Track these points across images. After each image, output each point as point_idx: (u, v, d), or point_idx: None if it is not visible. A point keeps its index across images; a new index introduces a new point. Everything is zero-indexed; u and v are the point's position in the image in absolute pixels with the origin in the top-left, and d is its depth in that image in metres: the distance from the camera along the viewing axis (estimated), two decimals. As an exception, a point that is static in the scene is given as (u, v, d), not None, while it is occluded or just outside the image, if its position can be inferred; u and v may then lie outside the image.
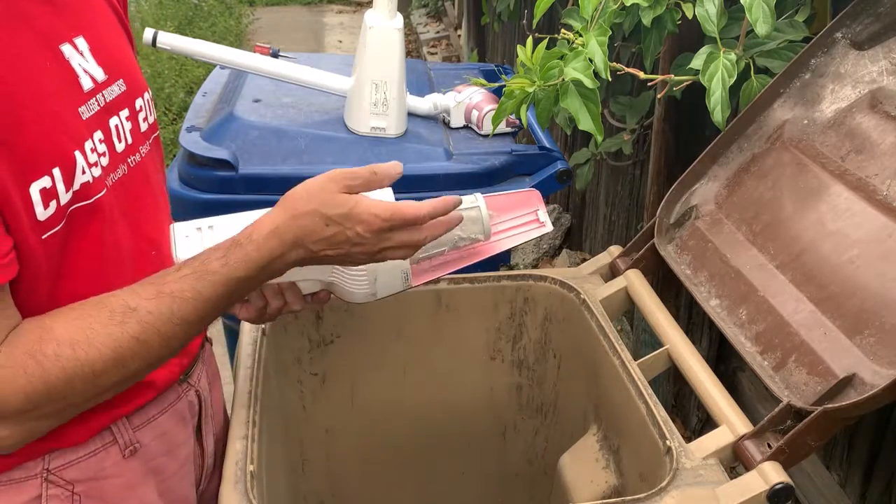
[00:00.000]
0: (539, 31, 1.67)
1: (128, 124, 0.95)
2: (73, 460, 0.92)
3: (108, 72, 0.93)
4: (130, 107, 0.96)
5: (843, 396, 1.00)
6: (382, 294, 1.08)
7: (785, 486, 0.97)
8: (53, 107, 0.84)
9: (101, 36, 0.94)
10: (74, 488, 0.92)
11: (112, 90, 0.93)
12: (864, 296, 1.05)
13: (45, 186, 0.80)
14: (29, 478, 0.89)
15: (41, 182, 0.80)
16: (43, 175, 0.80)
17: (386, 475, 1.52)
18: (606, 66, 1.43)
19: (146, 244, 0.97)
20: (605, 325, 1.29)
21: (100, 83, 0.91)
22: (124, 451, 0.97)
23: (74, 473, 0.92)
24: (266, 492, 1.09)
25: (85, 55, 0.89)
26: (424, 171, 1.81)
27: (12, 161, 0.78)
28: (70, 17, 0.89)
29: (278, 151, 1.82)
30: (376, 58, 1.84)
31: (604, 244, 2.74)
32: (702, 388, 1.15)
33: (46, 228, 0.82)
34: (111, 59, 0.94)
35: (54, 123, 0.83)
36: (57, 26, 0.87)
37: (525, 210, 1.15)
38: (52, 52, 0.86)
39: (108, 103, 0.92)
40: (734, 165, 1.35)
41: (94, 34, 0.92)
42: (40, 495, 0.90)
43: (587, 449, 1.34)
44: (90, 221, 0.87)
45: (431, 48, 6.11)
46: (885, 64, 1.21)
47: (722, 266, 1.27)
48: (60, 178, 0.82)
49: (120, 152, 0.93)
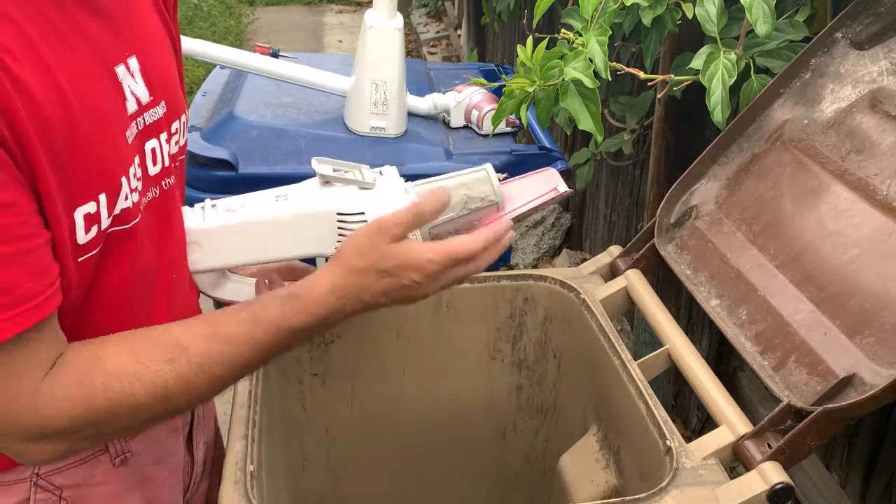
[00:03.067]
0: (539, 31, 1.67)
1: (166, 147, 0.93)
2: (63, 466, 0.91)
3: (154, 93, 0.89)
4: (168, 130, 0.94)
5: (843, 396, 1.00)
6: None
7: (785, 486, 0.97)
8: (106, 131, 0.81)
9: (152, 55, 0.91)
10: (62, 493, 0.91)
11: (155, 112, 0.90)
12: (865, 296, 1.05)
13: (89, 212, 0.79)
14: (18, 481, 0.89)
15: (87, 207, 0.78)
16: (90, 200, 0.79)
17: (386, 475, 1.52)
18: (606, 66, 1.43)
19: (168, 266, 0.96)
20: (605, 325, 1.29)
21: (143, 105, 0.88)
22: (115, 460, 0.96)
23: (63, 479, 0.91)
24: (266, 492, 1.09)
25: (135, 76, 0.86)
26: (424, 171, 1.80)
27: (65, 185, 0.76)
28: (126, 37, 0.86)
29: (278, 151, 1.82)
30: (376, 58, 1.84)
31: (604, 244, 2.74)
32: (702, 388, 1.15)
33: (83, 252, 0.80)
34: (158, 80, 0.91)
35: (106, 148, 0.81)
36: (113, 45, 0.84)
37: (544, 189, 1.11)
38: (108, 73, 0.83)
39: (148, 126, 0.89)
40: (734, 165, 1.35)
41: (145, 54, 0.89)
42: (28, 499, 0.89)
43: (587, 449, 1.34)
44: (124, 246, 0.86)
45: (431, 48, 6.11)
46: (886, 64, 1.21)
47: (722, 266, 1.27)
48: (105, 203, 0.80)
49: (153, 176, 0.91)
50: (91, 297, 0.85)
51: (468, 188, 1.05)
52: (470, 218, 1.07)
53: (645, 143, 2.25)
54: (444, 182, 1.07)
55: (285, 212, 1.04)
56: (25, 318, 0.73)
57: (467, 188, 1.05)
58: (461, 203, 1.05)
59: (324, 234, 1.03)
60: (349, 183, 1.04)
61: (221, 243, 1.05)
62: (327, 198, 1.03)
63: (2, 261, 0.71)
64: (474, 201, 1.06)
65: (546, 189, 1.11)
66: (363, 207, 1.01)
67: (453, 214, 1.05)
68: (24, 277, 0.73)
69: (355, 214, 1.01)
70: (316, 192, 1.04)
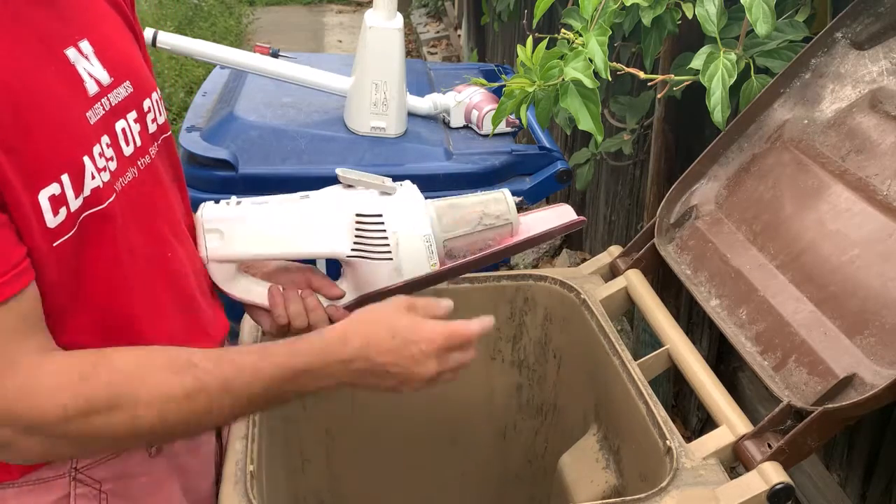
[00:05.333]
0: (539, 31, 1.67)
1: (136, 126, 0.94)
2: (101, 459, 0.92)
3: (114, 74, 0.91)
4: (138, 108, 0.95)
5: (843, 396, 1.00)
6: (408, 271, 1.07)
7: (785, 486, 0.97)
8: (60, 112, 0.82)
9: (107, 38, 0.92)
10: (102, 487, 0.92)
11: (118, 93, 0.91)
12: (865, 296, 1.05)
13: (53, 193, 0.79)
14: (57, 477, 0.90)
15: (50, 189, 0.79)
16: (51, 182, 0.79)
17: (386, 475, 1.52)
18: (606, 66, 1.43)
19: (161, 245, 0.97)
20: (605, 325, 1.29)
21: (105, 86, 0.89)
22: (150, 450, 0.97)
23: (102, 472, 0.92)
24: (266, 492, 1.09)
25: (90, 58, 0.88)
26: (424, 171, 1.81)
27: (21, 168, 0.77)
28: (74, 21, 0.88)
29: (278, 151, 1.82)
30: (376, 58, 1.84)
31: (604, 244, 2.74)
32: (702, 388, 1.15)
33: (58, 236, 0.81)
34: (117, 61, 0.92)
35: (61, 129, 0.82)
36: (60, 30, 0.86)
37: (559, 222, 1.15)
38: (56, 57, 0.84)
39: (114, 106, 0.90)
40: (734, 165, 1.35)
41: (98, 36, 0.91)
42: (68, 494, 0.90)
43: (587, 449, 1.34)
44: (103, 227, 0.86)
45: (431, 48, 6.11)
46: (886, 64, 1.21)
47: (722, 266, 1.27)
48: (69, 184, 0.81)
49: (128, 156, 0.92)
50: (82, 283, 0.85)
51: (485, 206, 1.10)
52: (484, 236, 1.10)
53: (645, 143, 2.25)
54: (462, 199, 1.11)
55: (307, 206, 1.08)
56: None
57: (484, 206, 1.09)
58: (477, 219, 1.09)
59: (342, 232, 1.07)
60: (370, 187, 1.08)
61: (242, 231, 1.08)
62: (348, 198, 1.08)
63: None
64: (489, 218, 1.10)
65: (559, 223, 1.14)
66: (382, 210, 1.05)
67: (468, 229, 1.09)
68: None
69: (374, 216, 1.05)
70: (338, 193, 1.09)
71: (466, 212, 1.09)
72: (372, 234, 1.05)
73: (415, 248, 1.05)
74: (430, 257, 1.06)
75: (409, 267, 1.06)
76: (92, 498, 0.92)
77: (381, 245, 1.05)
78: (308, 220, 1.08)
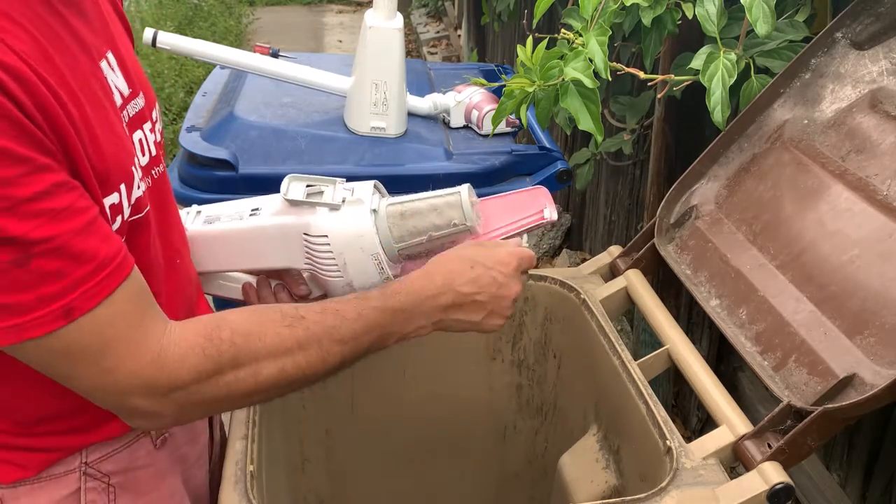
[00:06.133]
0: (539, 31, 1.67)
1: (150, 136, 0.96)
2: (109, 453, 0.94)
3: (131, 86, 0.92)
4: (150, 119, 0.97)
5: (843, 396, 1.00)
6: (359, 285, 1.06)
7: (785, 486, 0.97)
8: (110, 124, 0.84)
9: (123, 49, 0.94)
10: (110, 480, 0.94)
11: (136, 104, 0.93)
12: (865, 296, 1.05)
13: (114, 202, 0.82)
14: (68, 472, 0.91)
15: (111, 198, 0.82)
16: (113, 191, 0.82)
17: (386, 475, 1.52)
18: (606, 66, 1.43)
19: (172, 252, 0.99)
20: (605, 325, 1.29)
21: (126, 97, 0.91)
22: (156, 441, 0.99)
23: (110, 465, 0.94)
24: (266, 492, 1.09)
25: (115, 70, 0.89)
26: (424, 171, 1.81)
27: (94, 178, 0.79)
28: (102, 32, 0.89)
29: (278, 151, 1.82)
30: (376, 58, 1.84)
31: (604, 244, 2.74)
32: (702, 388, 1.15)
33: None
34: (133, 72, 0.94)
35: (114, 140, 0.84)
36: (95, 42, 0.86)
37: (530, 211, 1.12)
38: (97, 68, 0.85)
39: (133, 117, 0.92)
40: (734, 165, 1.35)
41: (118, 48, 0.92)
42: (79, 488, 0.92)
43: (587, 449, 1.34)
44: (140, 234, 0.89)
45: (431, 48, 6.11)
46: (886, 64, 1.21)
47: (722, 266, 1.27)
48: (125, 193, 0.84)
49: (144, 165, 0.93)
50: None
51: (438, 213, 1.06)
52: (441, 241, 1.07)
53: (645, 143, 2.25)
54: (415, 204, 1.07)
55: (255, 228, 1.08)
56: (112, 278, 0.77)
57: (437, 213, 1.05)
58: (430, 228, 1.06)
59: (292, 250, 1.07)
60: (316, 205, 1.06)
61: (197, 250, 1.09)
62: (295, 218, 1.06)
63: (78, 234, 0.74)
64: (444, 227, 1.06)
65: (531, 211, 1.11)
66: (327, 230, 1.04)
67: (422, 238, 1.06)
68: (99, 243, 0.76)
69: (319, 237, 1.05)
70: (285, 211, 1.07)
71: (419, 220, 1.06)
72: (320, 254, 1.05)
73: (364, 267, 1.05)
74: (381, 272, 1.05)
75: (361, 281, 1.06)
76: (101, 491, 0.93)
77: (330, 264, 1.05)
78: (258, 241, 1.08)
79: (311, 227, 1.04)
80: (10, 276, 0.71)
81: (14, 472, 0.88)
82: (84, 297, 0.75)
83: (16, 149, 0.69)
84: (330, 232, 1.04)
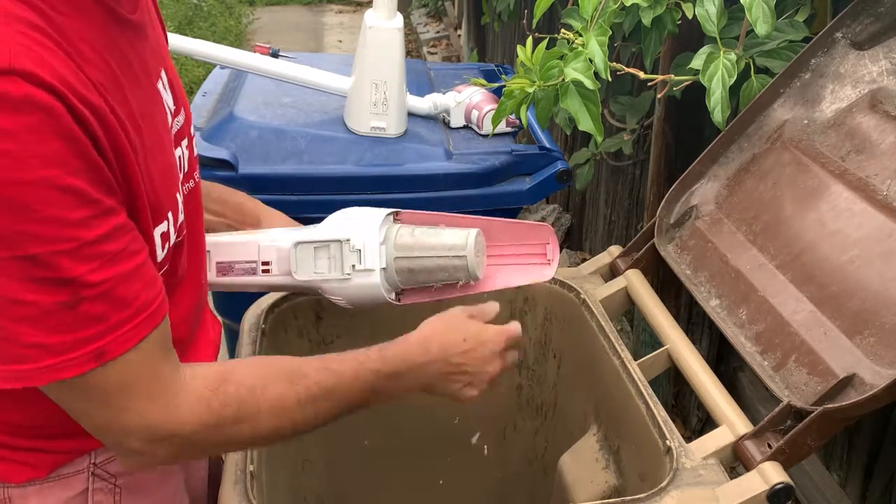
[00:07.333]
0: (539, 31, 1.67)
1: (186, 153, 0.96)
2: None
3: (176, 102, 0.92)
4: (188, 135, 0.97)
5: (843, 396, 1.00)
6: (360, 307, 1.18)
7: (785, 486, 0.97)
8: (164, 151, 0.84)
9: (171, 66, 0.94)
10: (117, 481, 0.94)
11: (178, 120, 0.93)
12: (865, 296, 1.05)
13: (163, 231, 0.83)
14: (77, 472, 0.92)
15: (161, 227, 0.82)
16: (163, 220, 0.82)
17: (386, 475, 1.52)
18: (606, 66, 1.43)
19: (197, 269, 1.00)
20: (605, 325, 1.29)
21: (172, 115, 0.91)
22: None
23: (117, 466, 0.94)
24: (266, 492, 1.09)
25: (166, 89, 0.89)
26: (424, 171, 1.81)
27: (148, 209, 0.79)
28: (157, 51, 0.88)
29: (278, 151, 1.82)
30: (376, 58, 1.84)
31: (604, 244, 2.74)
32: (702, 388, 1.15)
33: (160, 268, 0.84)
34: (177, 88, 0.94)
35: (168, 168, 0.84)
36: (154, 63, 0.86)
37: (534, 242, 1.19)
38: (154, 90, 0.85)
39: (175, 134, 0.92)
40: (734, 165, 1.35)
41: (168, 66, 0.92)
42: (87, 489, 0.92)
43: (587, 449, 1.34)
44: (178, 257, 0.90)
45: (431, 48, 6.11)
46: (885, 64, 1.21)
47: (722, 266, 1.27)
48: (172, 220, 0.85)
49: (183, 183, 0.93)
50: None
51: (446, 272, 1.14)
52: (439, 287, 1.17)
53: (645, 143, 2.25)
54: (424, 262, 1.14)
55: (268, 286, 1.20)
56: (145, 325, 0.77)
57: (445, 272, 1.14)
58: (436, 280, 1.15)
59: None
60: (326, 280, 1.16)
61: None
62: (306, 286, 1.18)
63: (126, 278, 0.74)
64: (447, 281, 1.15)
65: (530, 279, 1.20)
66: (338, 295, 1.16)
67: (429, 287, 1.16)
68: (141, 289, 0.76)
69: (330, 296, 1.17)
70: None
71: (426, 276, 1.14)
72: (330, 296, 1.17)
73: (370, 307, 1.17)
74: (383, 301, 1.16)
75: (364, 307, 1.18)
76: (108, 492, 0.94)
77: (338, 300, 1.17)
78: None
79: (324, 291, 1.16)
80: (58, 317, 0.71)
81: (26, 472, 0.89)
82: (118, 342, 0.75)
83: (89, 191, 0.69)
84: (341, 295, 1.15)
